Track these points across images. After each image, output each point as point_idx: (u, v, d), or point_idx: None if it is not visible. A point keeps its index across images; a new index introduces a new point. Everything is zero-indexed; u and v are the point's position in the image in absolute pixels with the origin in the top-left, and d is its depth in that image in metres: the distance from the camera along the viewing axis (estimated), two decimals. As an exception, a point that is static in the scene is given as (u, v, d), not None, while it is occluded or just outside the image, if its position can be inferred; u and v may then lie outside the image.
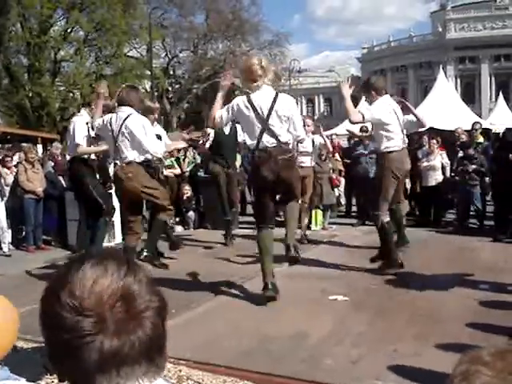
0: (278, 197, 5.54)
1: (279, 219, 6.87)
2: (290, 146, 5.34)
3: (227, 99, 5.40)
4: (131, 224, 6.06)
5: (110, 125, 5.82)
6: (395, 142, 6.28)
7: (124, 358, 0.94)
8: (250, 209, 12.03)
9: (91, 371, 0.94)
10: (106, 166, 7.71)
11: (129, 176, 5.75)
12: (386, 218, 6.35)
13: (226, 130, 8.20)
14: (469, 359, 1.00)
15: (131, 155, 5.77)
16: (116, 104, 6.11)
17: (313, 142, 8.66)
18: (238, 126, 8.39)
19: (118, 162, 5.85)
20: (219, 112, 5.22)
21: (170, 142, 7.55)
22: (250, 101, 5.06)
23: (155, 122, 7.91)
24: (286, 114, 5.05)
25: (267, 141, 5.00)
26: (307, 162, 8.51)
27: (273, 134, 5.00)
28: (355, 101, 7.68)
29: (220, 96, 5.33)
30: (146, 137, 5.73)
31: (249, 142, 5.13)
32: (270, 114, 4.98)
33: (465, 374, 0.98)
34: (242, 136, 5.31)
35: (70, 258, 1.05)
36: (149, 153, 5.78)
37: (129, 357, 0.94)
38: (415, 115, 6.80)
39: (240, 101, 5.15)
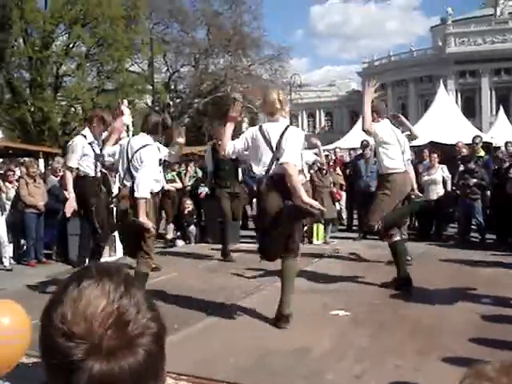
0: None
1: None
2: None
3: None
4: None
5: (125, 148, 5.88)
6: (397, 163, 6.33)
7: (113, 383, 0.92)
8: (251, 224, 12.03)
9: None
10: (110, 181, 7.70)
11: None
12: (397, 237, 6.37)
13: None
14: (473, 374, 1.00)
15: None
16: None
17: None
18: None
19: (127, 183, 5.85)
20: (231, 143, 5.24)
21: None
22: (261, 130, 5.12)
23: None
24: (292, 143, 5.02)
25: (277, 170, 5.01)
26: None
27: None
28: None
29: (229, 128, 5.31)
30: (146, 174, 5.73)
31: (257, 170, 5.12)
32: (279, 144, 5.00)
33: None
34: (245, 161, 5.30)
35: (70, 275, 1.03)
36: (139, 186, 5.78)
37: (118, 383, 0.92)
38: (409, 128, 6.99)
39: (253, 130, 5.24)
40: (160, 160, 6.63)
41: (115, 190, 7.46)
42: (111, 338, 0.91)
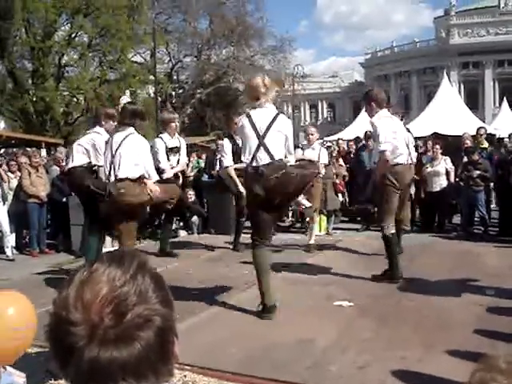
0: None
1: (282, 224, 6.82)
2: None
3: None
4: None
5: (109, 143, 5.87)
6: (401, 156, 6.25)
7: (106, 373, 0.90)
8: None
9: (74, 380, 0.93)
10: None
11: (120, 192, 5.74)
12: (391, 230, 6.31)
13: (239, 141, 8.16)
14: (485, 367, 0.99)
15: (124, 172, 5.77)
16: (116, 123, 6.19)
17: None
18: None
19: (111, 178, 5.84)
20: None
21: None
22: (250, 118, 5.13)
23: (176, 134, 7.97)
24: (283, 133, 5.10)
25: (261, 158, 5.00)
26: None
27: (267, 152, 5.01)
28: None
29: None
30: (144, 158, 5.75)
31: (244, 158, 5.15)
32: (267, 132, 5.02)
33: (480, 381, 0.97)
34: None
35: (89, 262, 1.02)
36: (146, 173, 5.81)
37: (111, 373, 0.90)
38: None
39: (241, 120, 5.25)
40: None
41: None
42: (107, 326, 0.90)
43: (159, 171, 7.47)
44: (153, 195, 5.86)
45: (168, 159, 7.81)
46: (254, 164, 5.01)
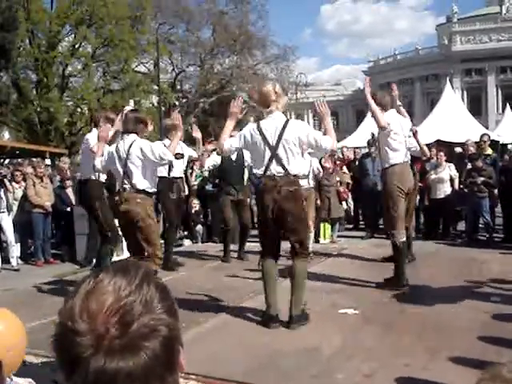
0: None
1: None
2: (302, 182, 5.31)
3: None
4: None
5: (117, 152, 5.77)
6: (399, 156, 6.25)
7: (112, 383, 0.90)
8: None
9: None
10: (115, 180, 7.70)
11: (137, 201, 5.68)
12: (402, 238, 6.27)
13: (233, 156, 8.00)
14: (489, 377, 0.99)
15: (141, 184, 5.71)
16: (121, 131, 6.14)
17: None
18: (245, 150, 8.44)
19: (126, 186, 5.76)
20: (228, 141, 5.20)
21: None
22: (259, 128, 5.03)
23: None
24: (296, 141, 4.93)
25: (275, 169, 4.94)
26: (304, 184, 8.45)
27: (281, 164, 4.93)
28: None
29: (230, 124, 5.29)
30: (154, 152, 5.66)
31: (256, 169, 5.10)
32: (278, 142, 4.92)
33: None
34: (249, 161, 5.26)
35: (93, 271, 1.02)
36: (162, 161, 5.72)
37: (117, 383, 0.90)
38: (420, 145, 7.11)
39: (250, 128, 5.13)
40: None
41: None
42: (113, 337, 0.90)
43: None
44: None
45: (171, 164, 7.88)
46: (268, 174, 4.97)
